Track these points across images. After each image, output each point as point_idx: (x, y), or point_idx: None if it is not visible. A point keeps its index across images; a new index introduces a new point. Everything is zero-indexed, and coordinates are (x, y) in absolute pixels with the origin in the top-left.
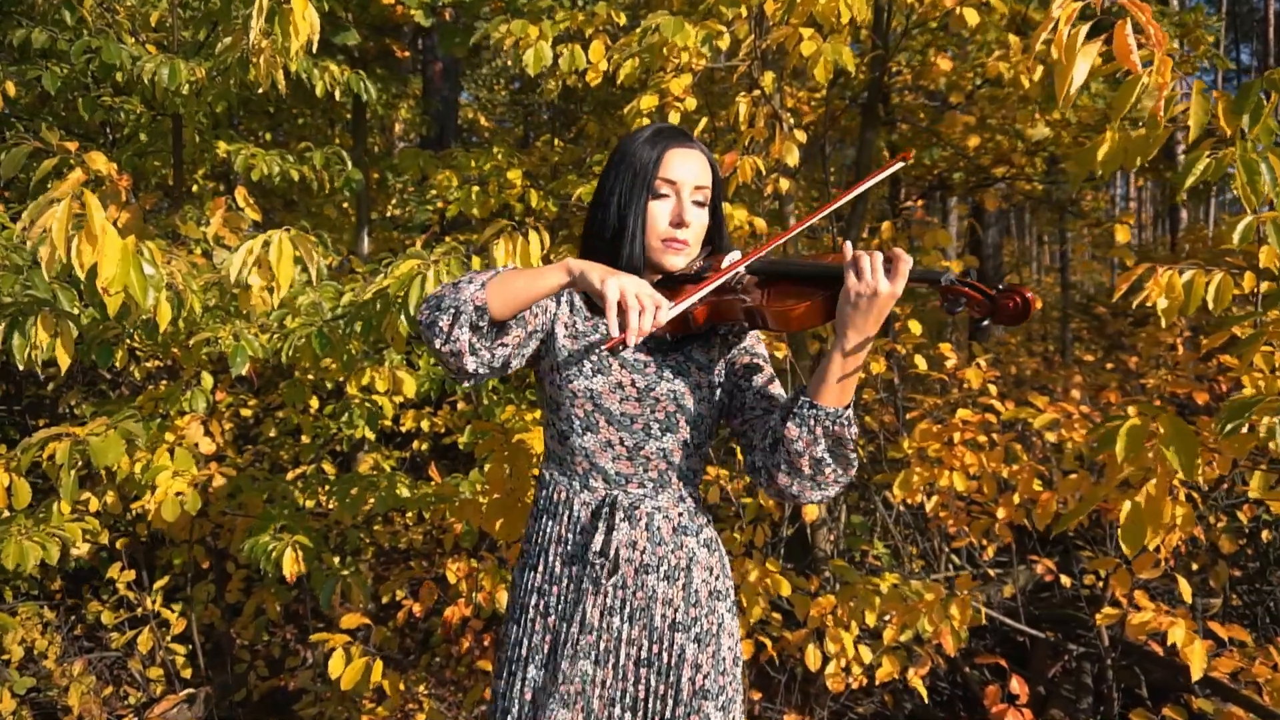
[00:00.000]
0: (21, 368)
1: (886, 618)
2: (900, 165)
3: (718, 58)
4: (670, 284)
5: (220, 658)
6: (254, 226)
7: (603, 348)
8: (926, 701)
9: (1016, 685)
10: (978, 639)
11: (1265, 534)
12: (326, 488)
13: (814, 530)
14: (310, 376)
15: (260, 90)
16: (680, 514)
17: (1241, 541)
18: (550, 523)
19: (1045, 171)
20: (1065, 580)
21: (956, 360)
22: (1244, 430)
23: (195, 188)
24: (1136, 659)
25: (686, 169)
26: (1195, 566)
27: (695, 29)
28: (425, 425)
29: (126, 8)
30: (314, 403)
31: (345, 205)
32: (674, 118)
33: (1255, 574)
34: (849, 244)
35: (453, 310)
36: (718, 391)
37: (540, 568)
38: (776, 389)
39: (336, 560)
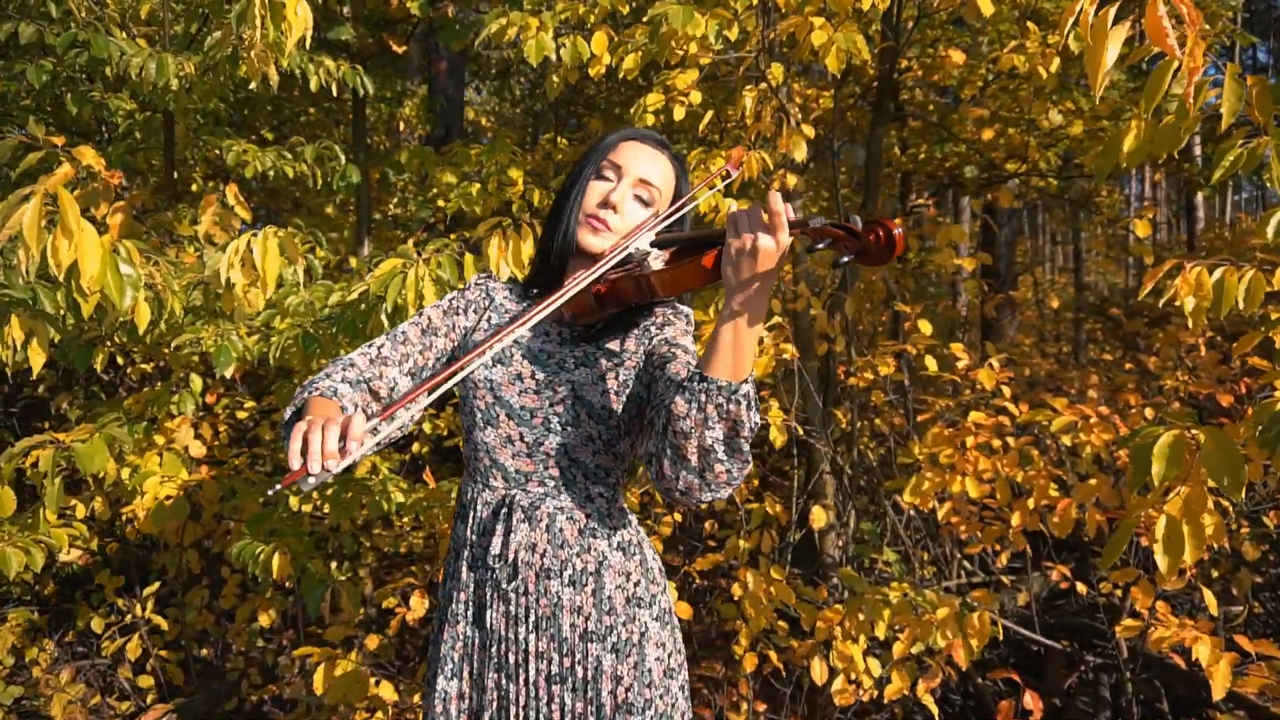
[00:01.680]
0: None
1: (897, 629)
2: (726, 177)
3: (725, 50)
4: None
5: (213, 666)
6: (248, 225)
7: (278, 486)
8: (937, 717)
9: (1030, 700)
10: (991, 648)
11: None
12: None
13: (822, 536)
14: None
15: (252, 86)
16: (588, 515)
17: (1264, 547)
18: (461, 526)
19: (1060, 168)
20: (1081, 588)
21: (969, 361)
22: None
23: (195, 186)
24: (1157, 671)
25: (636, 160)
26: (1216, 574)
27: (706, 19)
28: (427, 427)
29: (117, 1)
30: None
31: (348, 205)
32: (679, 113)
33: (1278, 580)
34: (732, 201)
35: (283, 425)
36: (632, 383)
37: (453, 574)
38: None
39: (334, 565)
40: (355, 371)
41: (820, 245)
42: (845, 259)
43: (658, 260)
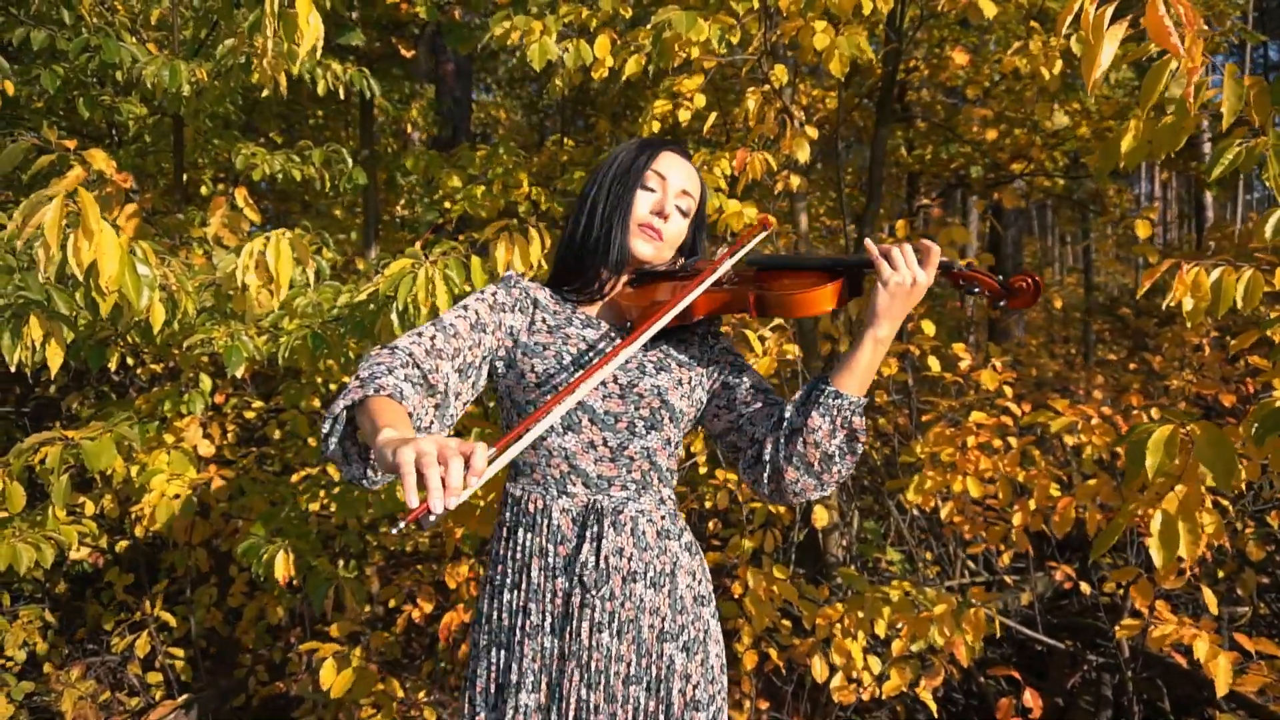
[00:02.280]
0: (12, 369)
1: (898, 627)
2: (764, 234)
3: (728, 53)
4: (644, 280)
5: (221, 663)
6: (257, 227)
7: (401, 524)
8: (936, 716)
9: (1030, 698)
10: (994, 648)
11: None
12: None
13: (825, 535)
14: (319, 379)
15: (264, 93)
16: (663, 517)
17: (1270, 548)
18: (529, 535)
19: (1066, 168)
20: (1084, 587)
21: (971, 361)
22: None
23: (204, 189)
24: (1159, 671)
25: (676, 171)
26: (1221, 574)
27: (709, 23)
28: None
29: (127, 6)
30: (316, 403)
31: (356, 206)
32: (684, 115)
33: None
34: (869, 241)
35: (331, 419)
36: (698, 389)
37: (523, 585)
38: (767, 384)
39: (341, 564)
40: (413, 367)
41: (975, 289)
42: (1000, 303)
43: (752, 279)
